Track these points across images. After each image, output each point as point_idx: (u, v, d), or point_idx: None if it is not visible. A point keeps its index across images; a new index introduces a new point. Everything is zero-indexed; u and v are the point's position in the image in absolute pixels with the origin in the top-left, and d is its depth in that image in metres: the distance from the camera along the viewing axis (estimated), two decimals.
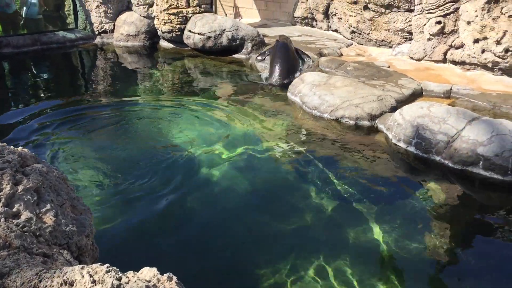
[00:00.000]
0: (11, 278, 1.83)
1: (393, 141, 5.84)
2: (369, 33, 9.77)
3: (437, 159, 5.36)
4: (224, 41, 9.79)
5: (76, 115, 6.97)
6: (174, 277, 1.90)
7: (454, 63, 8.16)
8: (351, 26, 10.03)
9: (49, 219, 2.30)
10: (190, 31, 10.13)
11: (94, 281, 1.80)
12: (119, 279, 1.82)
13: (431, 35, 8.25)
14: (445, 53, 8.23)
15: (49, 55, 10.63)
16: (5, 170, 2.38)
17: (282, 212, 4.50)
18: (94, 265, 1.90)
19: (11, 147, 2.63)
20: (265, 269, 3.67)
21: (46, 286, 1.81)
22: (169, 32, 10.54)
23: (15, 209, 2.23)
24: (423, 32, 8.39)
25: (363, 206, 4.57)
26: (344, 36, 10.51)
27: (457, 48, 8.06)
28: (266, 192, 4.90)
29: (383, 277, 3.63)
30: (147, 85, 8.67)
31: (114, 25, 11.33)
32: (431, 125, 5.49)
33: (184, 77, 9.12)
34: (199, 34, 9.92)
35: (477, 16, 7.52)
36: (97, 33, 11.42)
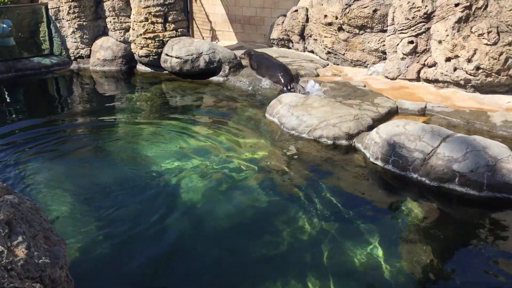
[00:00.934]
0: None
1: (371, 160, 5.90)
2: (345, 54, 9.93)
3: (414, 176, 5.42)
4: (201, 64, 9.83)
5: (48, 138, 6.89)
6: None
7: (427, 81, 8.34)
8: (327, 47, 10.19)
9: (21, 251, 2.23)
10: (167, 54, 10.15)
11: None
12: None
13: (404, 54, 8.43)
14: (419, 72, 8.41)
15: (24, 82, 10.50)
16: None
17: (262, 233, 4.47)
18: None
19: None
20: None
21: None
22: (146, 56, 10.54)
23: None
24: (396, 51, 8.57)
25: (342, 225, 4.57)
26: (320, 56, 10.67)
27: (430, 66, 8.24)
28: (245, 213, 4.87)
29: None
30: (124, 108, 8.62)
31: (90, 50, 11.30)
32: (407, 143, 5.56)
33: (161, 100, 9.10)
34: (176, 57, 9.94)
35: (447, 35, 7.72)
36: (73, 58, 11.36)
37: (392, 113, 7.20)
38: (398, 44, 8.49)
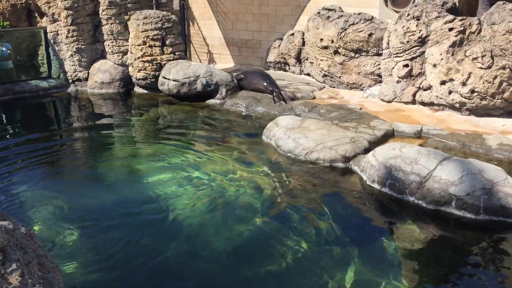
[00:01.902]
0: None
1: (368, 183, 5.90)
2: (341, 76, 10.02)
3: (411, 199, 5.42)
4: (198, 86, 9.89)
5: (43, 159, 6.89)
6: None
7: (423, 104, 8.40)
8: (323, 70, 10.28)
9: (14, 279, 2.21)
10: (164, 77, 10.21)
11: None
12: None
13: (399, 77, 8.51)
14: (414, 95, 8.47)
15: (21, 104, 10.52)
16: None
17: (258, 255, 4.46)
18: None
19: None
20: None
21: None
22: (144, 79, 10.61)
23: None
24: (392, 75, 8.65)
25: (339, 248, 4.55)
26: (316, 79, 10.75)
27: (425, 89, 8.31)
28: (241, 236, 4.86)
29: None
30: (121, 130, 8.63)
31: (88, 73, 11.36)
32: (404, 166, 5.57)
33: (158, 122, 9.13)
34: (173, 80, 10.00)
35: (442, 59, 7.81)
36: (70, 81, 11.41)
37: (388, 136, 7.23)
38: (393, 67, 8.58)
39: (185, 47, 11.19)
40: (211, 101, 9.92)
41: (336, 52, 9.84)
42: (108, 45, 11.18)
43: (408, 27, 8.23)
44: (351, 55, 9.64)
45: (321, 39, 9.99)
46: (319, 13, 10.38)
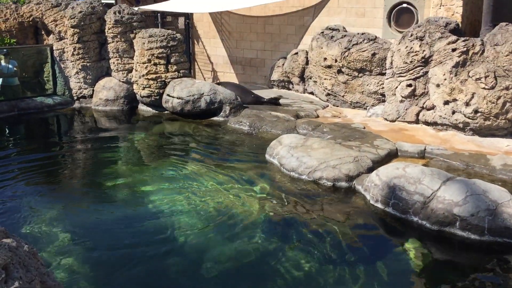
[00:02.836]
0: None
1: (371, 202, 5.87)
2: (344, 96, 10.06)
3: (415, 219, 5.38)
4: (202, 104, 9.94)
5: (45, 176, 6.89)
6: None
7: (426, 123, 8.40)
8: (326, 88, 10.33)
9: None
10: (168, 95, 10.28)
11: None
12: None
13: (403, 97, 8.54)
14: (418, 114, 8.49)
15: (25, 120, 10.59)
16: None
17: (260, 275, 4.42)
18: None
19: None
20: None
21: None
22: (148, 96, 10.67)
23: None
24: (395, 94, 8.68)
25: (343, 269, 4.51)
26: (320, 98, 10.79)
27: (428, 109, 8.32)
28: (244, 255, 4.82)
29: None
30: (125, 147, 8.65)
31: (93, 90, 11.44)
32: (407, 186, 5.55)
33: (162, 140, 9.15)
34: (177, 98, 10.06)
35: (445, 79, 7.84)
36: (75, 98, 11.49)
37: (391, 155, 7.22)
38: (397, 87, 8.61)
39: (189, 65, 11.29)
40: (215, 118, 9.96)
41: (339, 71, 9.90)
42: (113, 63, 11.27)
43: (411, 47, 8.28)
44: (355, 75, 9.69)
45: (325, 58, 10.05)
46: (322, 32, 10.47)
